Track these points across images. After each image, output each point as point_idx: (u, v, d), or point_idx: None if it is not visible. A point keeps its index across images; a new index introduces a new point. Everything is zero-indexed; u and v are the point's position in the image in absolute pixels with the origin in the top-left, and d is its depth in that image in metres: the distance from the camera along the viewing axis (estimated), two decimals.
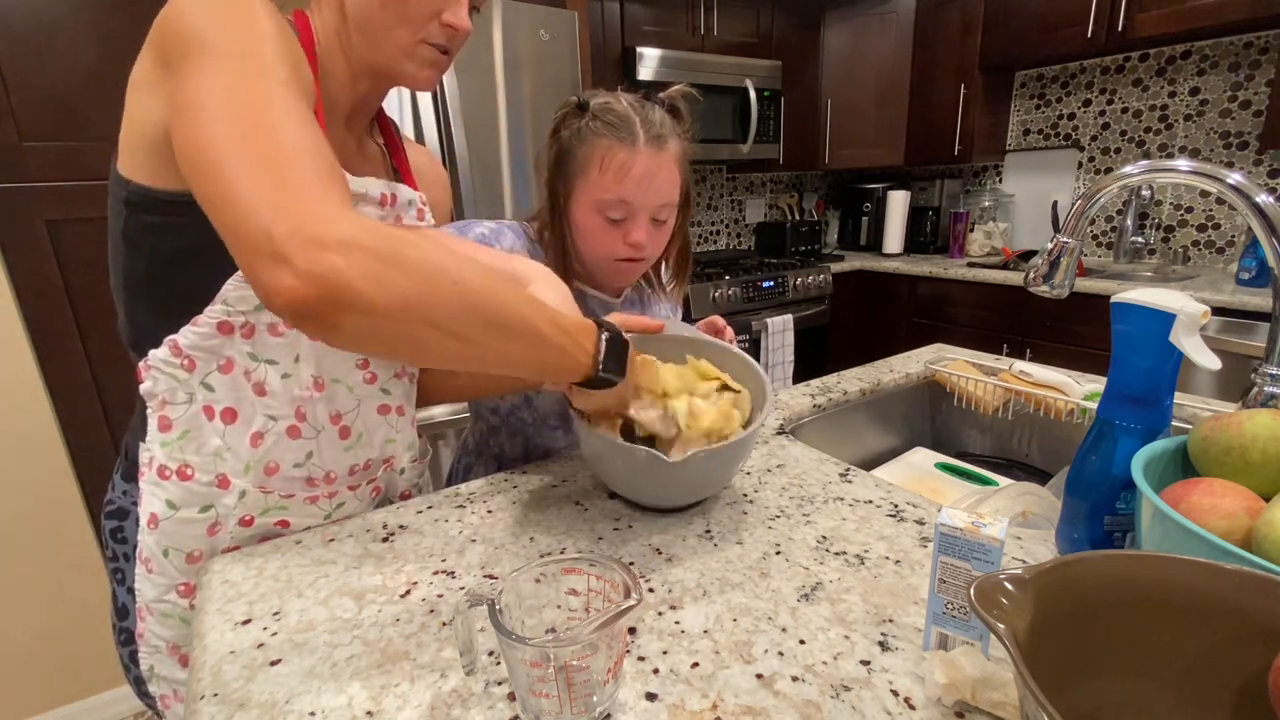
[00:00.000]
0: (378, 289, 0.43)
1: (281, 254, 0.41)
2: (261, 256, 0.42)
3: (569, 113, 0.78)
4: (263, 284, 0.42)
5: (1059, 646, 0.36)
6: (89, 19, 1.36)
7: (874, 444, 1.17)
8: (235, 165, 0.44)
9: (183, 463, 0.63)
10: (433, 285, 0.45)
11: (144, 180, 0.56)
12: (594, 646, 0.40)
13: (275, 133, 0.46)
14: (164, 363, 0.61)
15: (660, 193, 0.76)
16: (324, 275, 0.41)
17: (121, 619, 0.71)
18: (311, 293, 0.41)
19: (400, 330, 0.45)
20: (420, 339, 0.46)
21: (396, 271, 0.44)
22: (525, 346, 0.52)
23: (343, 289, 0.41)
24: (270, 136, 0.46)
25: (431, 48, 0.63)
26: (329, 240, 0.42)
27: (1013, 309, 2.39)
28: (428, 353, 0.49)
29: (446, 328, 0.46)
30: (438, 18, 0.61)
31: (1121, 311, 0.57)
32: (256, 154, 0.45)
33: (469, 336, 0.48)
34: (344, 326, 0.43)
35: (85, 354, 1.47)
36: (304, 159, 0.46)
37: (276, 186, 0.44)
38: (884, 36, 2.83)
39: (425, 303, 0.45)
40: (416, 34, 0.61)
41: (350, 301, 0.42)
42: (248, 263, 0.43)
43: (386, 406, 0.72)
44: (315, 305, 0.41)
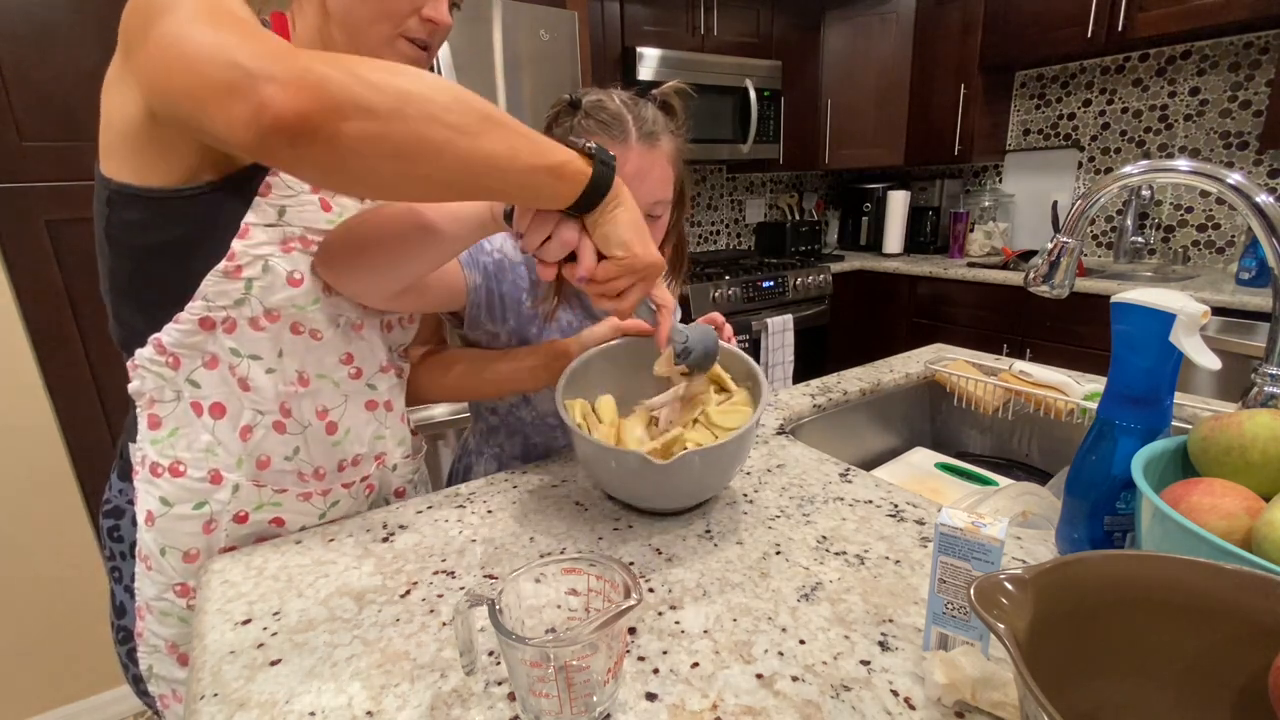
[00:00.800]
0: (371, 89, 0.40)
1: (258, 71, 0.39)
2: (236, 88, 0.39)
3: (561, 111, 0.78)
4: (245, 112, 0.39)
5: (1059, 646, 0.36)
6: (89, 19, 1.36)
7: (874, 444, 1.17)
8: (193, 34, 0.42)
9: (174, 459, 0.63)
10: (419, 79, 0.44)
11: (123, 178, 0.57)
12: (594, 646, 0.40)
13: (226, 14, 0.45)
14: (150, 361, 0.61)
15: (653, 190, 0.76)
16: (309, 77, 0.39)
17: (120, 618, 0.71)
18: (303, 98, 0.39)
19: (404, 129, 0.42)
20: (430, 138, 0.43)
21: (384, 73, 0.42)
22: (527, 141, 0.48)
23: (335, 87, 0.39)
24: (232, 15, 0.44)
25: (411, 43, 0.63)
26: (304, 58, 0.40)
27: (1013, 309, 2.39)
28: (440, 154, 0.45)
29: (449, 121, 0.44)
30: (418, 13, 0.62)
31: (1121, 311, 0.57)
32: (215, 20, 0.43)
33: (472, 129, 0.45)
34: (345, 133, 0.40)
35: (85, 354, 1.47)
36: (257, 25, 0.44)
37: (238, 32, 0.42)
38: (884, 36, 2.83)
39: (423, 95, 0.43)
40: (396, 28, 0.62)
41: (346, 100, 0.40)
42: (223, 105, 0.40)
43: (374, 402, 0.72)
44: (310, 112, 0.39)
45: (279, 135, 0.39)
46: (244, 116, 0.39)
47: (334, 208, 0.66)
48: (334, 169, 0.43)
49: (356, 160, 0.42)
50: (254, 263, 0.60)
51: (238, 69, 0.39)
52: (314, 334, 0.65)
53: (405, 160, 0.44)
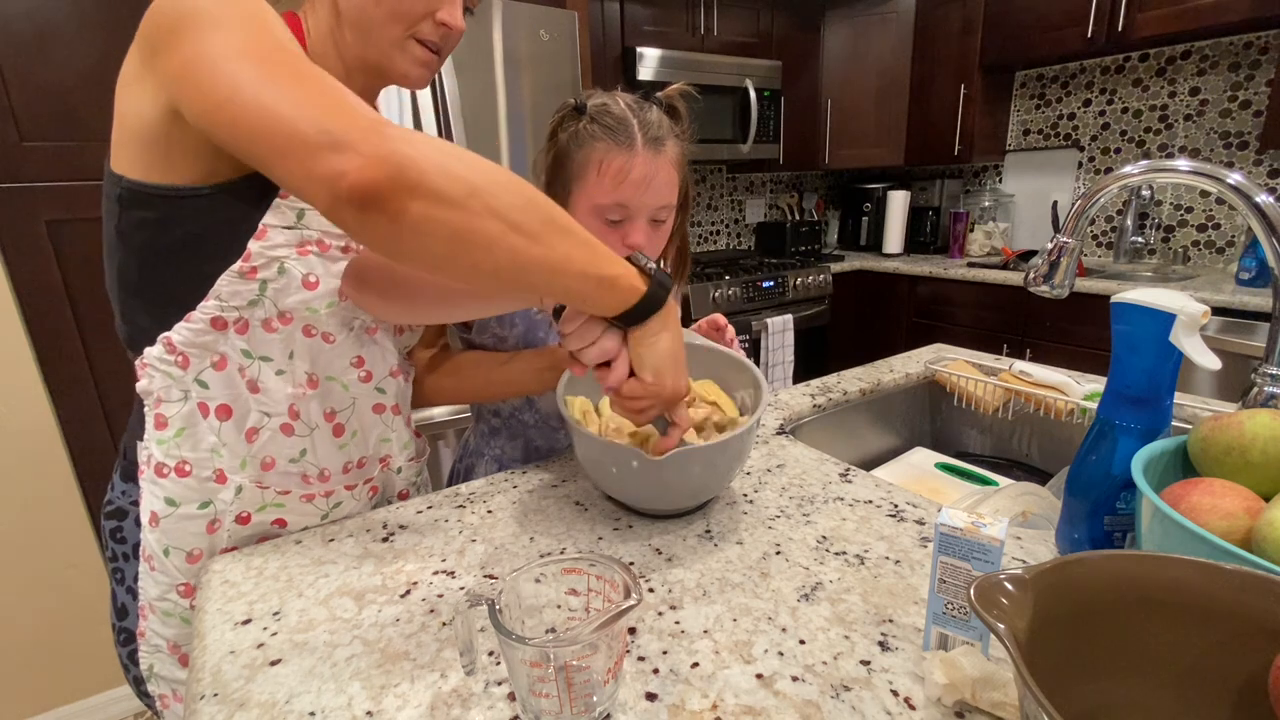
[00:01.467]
0: (444, 175, 0.43)
1: (344, 141, 0.41)
2: (320, 149, 0.41)
3: (566, 115, 0.78)
4: (325, 174, 0.41)
5: (1059, 646, 0.36)
6: (89, 19, 1.36)
7: (874, 444, 1.17)
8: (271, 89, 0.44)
9: (180, 459, 0.63)
10: (493, 176, 0.46)
11: (136, 175, 0.57)
12: (594, 646, 0.40)
13: (300, 63, 0.46)
14: (159, 360, 0.61)
15: (659, 195, 0.76)
16: (391, 155, 0.41)
17: (121, 619, 0.71)
18: (379, 174, 0.41)
19: (466, 221, 0.44)
20: (485, 231, 0.45)
21: (460, 162, 0.44)
22: (585, 249, 0.50)
23: (411, 170, 0.41)
24: (298, 63, 0.46)
25: (423, 46, 0.63)
26: (391, 131, 0.42)
27: (1013, 309, 2.39)
28: (492, 247, 0.46)
29: (510, 219, 0.46)
30: (432, 16, 0.62)
31: (1121, 311, 0.57)
32: (290, 75, 0.44)
33: (531, 231, 0.47)
34: (410, 212, 0.42)
35: (85, 354, 1.47)
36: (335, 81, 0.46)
37: (320, 94, 0.43)
38: (884, 36, 2.83)
39: (490, 191, 0.45)
40: (409, 31, 0.62)
41: (418, 183, 0.42)
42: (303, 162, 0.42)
43: (381, 405, 0.72)
44: (383, 187, 0.41)
45: (351, 202, 0.41)
46: (323, 177, 0.41)
47: None
48: (392, 240, 0.45)
49: (414, 237, 0.44)
50: (270, 264, 0.60)
51: (326, 135, 0.41)
52: (326, 337, 0.65)
53: (459, 245, 0.46)
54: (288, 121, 0.43)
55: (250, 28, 0.48)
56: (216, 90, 0.45)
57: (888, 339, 2.85)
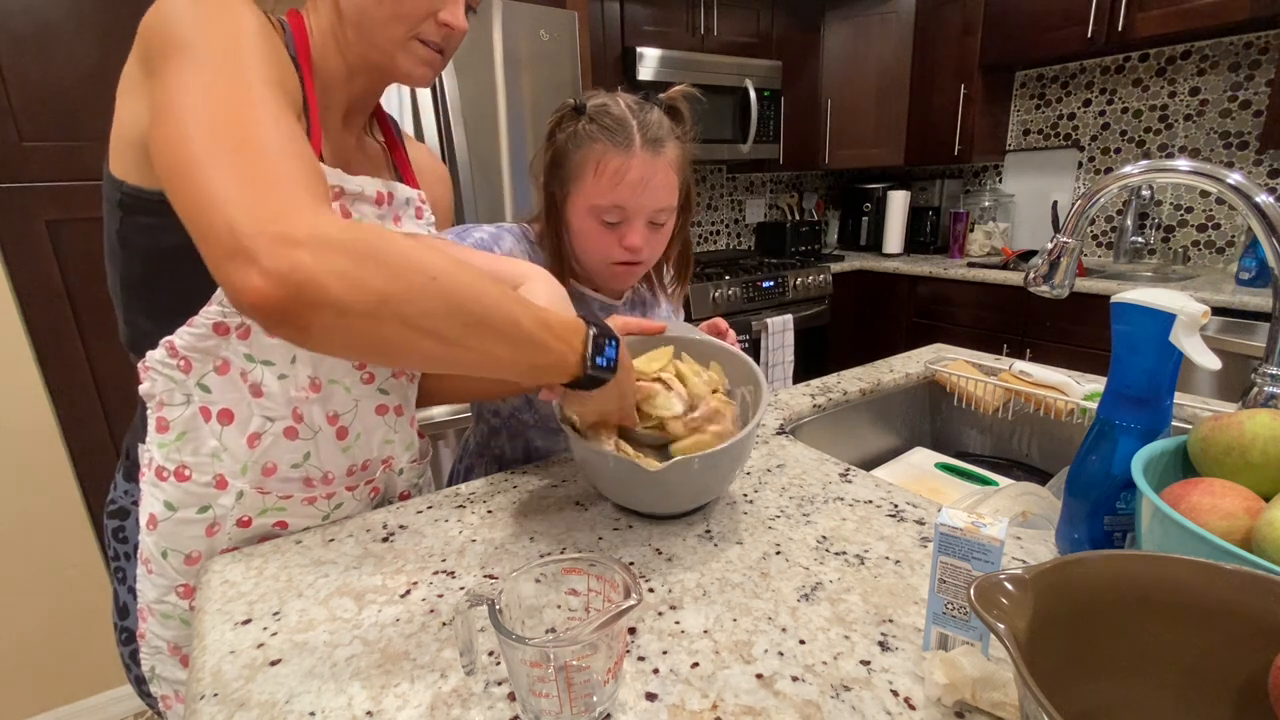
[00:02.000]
0: (348, 287, 0.40)
1: (248, 251, 0.39)
2: (228, 255, 0.40)
3: (565, 115, 0.78)
4: (231, 284, 0.40)
5: (1059, 646, 0.36)
6: (89, 19, 1.36)
7: (874, 444, 1.17)
8: (206, 163, 0.43)
9: (180, 464, 0.63)
10: (408, 282, 0.43)
11: (136, 181, 0.56)
12: (594, 646, 0.40)
13: (250, 127, 0.45)
14: (161, 364, 0.61)
15: (656, 197, 0.75)
16: (291, 273, 0.39)
17: (122, 618, 0.71)
18: (279, 292, 0.39)
19: (374, 330, 0.43)
20: (395, 340, 0.44)
21: (369, 268, 0.41)
22: (510, 347, 0.50)
23: (311, 287, 0.39)
24: (244, 131, 0.45)
25: (426, 46, 0.63)
26: (297, 236, 0.40)
27: (1013, 309, 2.39)
28: (405, 354, 0.46)
29: (423, 327, 0.44)
30: (434, 16, 0.61)
31: (1121, 311, 0.57)
32: (229, 149, 0.43)
33: (448, 337, 0.46)
34: (314, 327, 0.41)
35: (85, 354, 1.47)
36: (279, 155, 0.45)
37: (246, 181, 0.42)
38: (884, 36, 2.83)
39: (399, 300, 0.42)
40: (411, 31, 0.61)
41: (319, 300, 0.40)
42: (215, 264, 0.41)
43: (384, 407, 0.72)
44: (283, 305, 0.39)
45: (256, 315, 0.40)
46: (231, 284, 0.40)
47: (352, 215, 0.65)
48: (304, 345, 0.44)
49: (323, 345, 0.44)
50: None
51: (233, 238, 0.40)
52: None
53: (370, 352, 0.45)
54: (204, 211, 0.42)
55: (222, 69, 0.47)
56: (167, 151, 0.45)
57: (888, 339, 2.85)
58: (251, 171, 0.43)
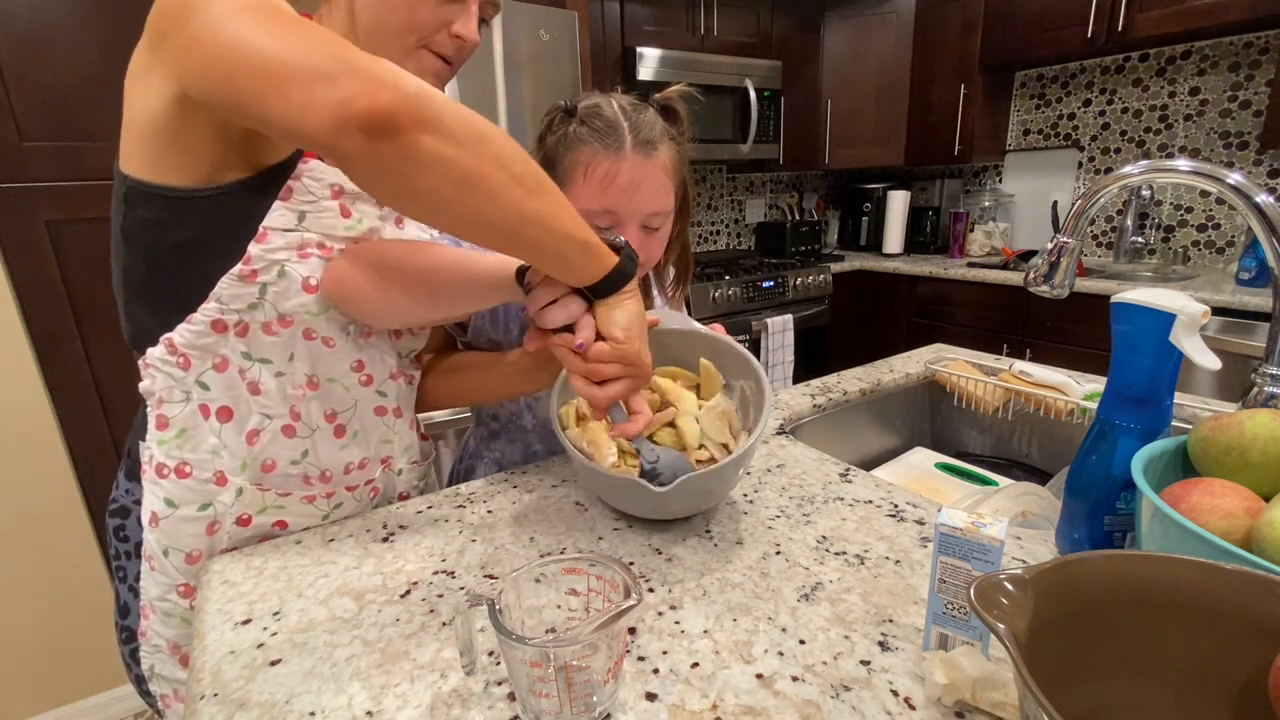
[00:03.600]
0: (456, 117, 0.44)
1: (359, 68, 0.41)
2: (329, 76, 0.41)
3: (556, 118, 0.76)
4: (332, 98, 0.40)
5: (1059, 646, 0.36)
6: (89, 19, 1.36)
7: (874, 444, 1.17)
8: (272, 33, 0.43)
9: (180, 461, 0.63)
10: (497, 134, 0.47)
11: (141, 174, 0.56)
12: (594, 646, 0.40)
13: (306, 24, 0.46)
14: (161, 361, 0.61)
15: (648, 201, 0.73)
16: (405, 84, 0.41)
17: (124, 617, 0.71)
18: (394, 98, 0.41)
19: (474, 164, 0.45)
20: (491, 178, 0.46)
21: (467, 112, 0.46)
22: (570, 213, 0.52)
23: (425, 102, 0.42)
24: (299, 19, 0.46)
25: (436, 56, 0.63)
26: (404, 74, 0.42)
27: (1013, 309, 2.39)
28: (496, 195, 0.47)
29: (513, 170, 0.47)
30: (447, 28, 0.62)
31: (1121, 311, 0.57)
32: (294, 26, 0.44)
33: (530, 185, 0.49)
34: (422, 145, 0.43)
35: (85, 354, 1.47)
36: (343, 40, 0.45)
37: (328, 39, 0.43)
38: (884, 36, 2.83)
39: (495, 140, 0.46)
40: (422, 41, 0.62)
41: (432, 117, 0.42)
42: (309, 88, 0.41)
43: (383, 408, 0.72)
44: (398, 114, 0.41)
45: (360, 126, 0.40)
46: (330, 101, 0.40)
47: (353, 214, 0.65)
48: (400, 175, 0.44)
49: (421, 175, 0.44)
50: (270, 267, 0.60)
51: (336, 61, 0.41)
52: (326, 341, 0.65)
53: (465, 189, 0.46)
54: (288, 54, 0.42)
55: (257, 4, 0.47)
56: (218, 42, 0.44)
57: (888, 339, 2.85)
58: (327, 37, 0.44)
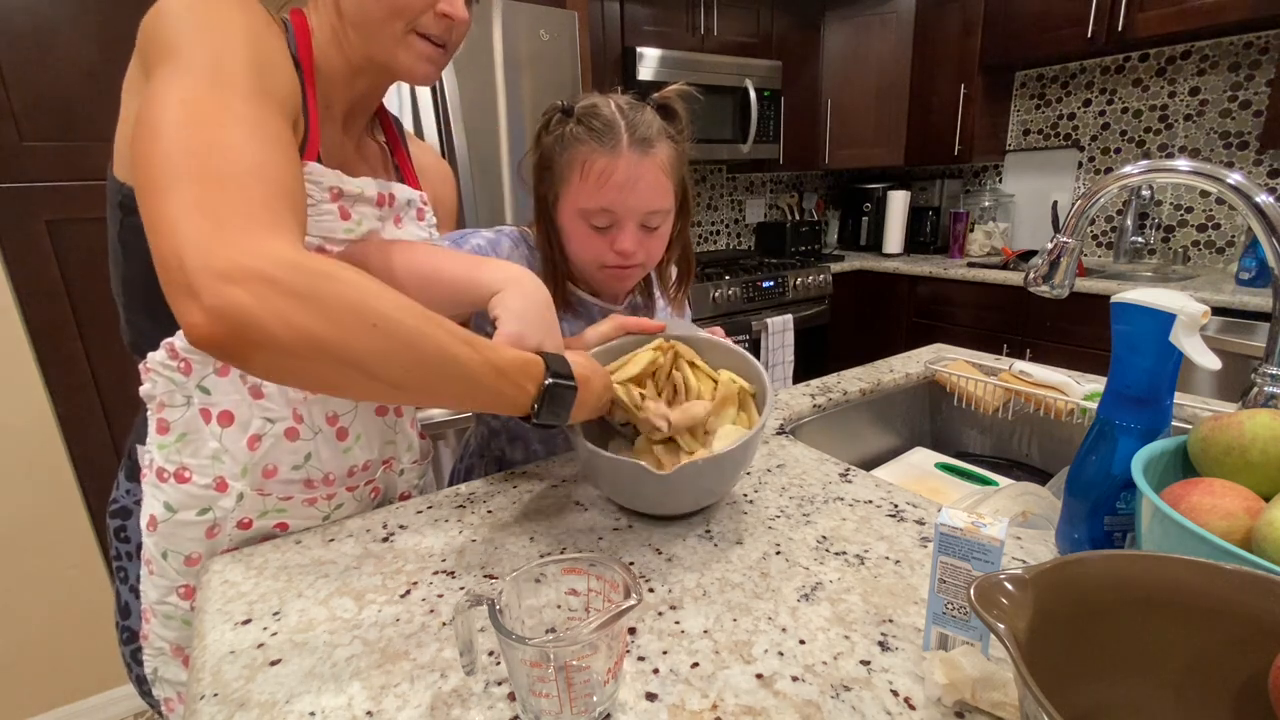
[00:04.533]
0: (284, 327, 0.41)
1: (191, 287, 0.40)
2: (176, 287, 0.41)
3: (553, 118, 0.76)
4: (178, 315, 0.41)
5: (1059, 646, 0.36)
6: (89, 19, 1.36)
7: (874, 444, 1.17)
8: (166, 187, 0.43)
9: (180, 465, 0.63)
10: (345, 327, 0.43)
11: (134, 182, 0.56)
12: (594, 646, 0.40)
13: (222, 152, 0.45)
14: (161, 365, 0.61)
15: (646, 200, 0.73)
16: (228, 312, 0.40)
17: (124, 618, 0.71)
18: (218, 329, 0.40)
19: (313, 369, 0.43)
20: (336, 379, 0.45)
21: (308, 310, 0.42)
22: (456, 390, 0.50)
23: (248, 326, 0.40)
24: (210, 156, 0.44)
25: (427, 40, 0.62)
26: (239, 274, 0.40)
27: (1013, 309, 2.39)
28: (349, 392, 0.47)
29: (365, 369, 0.44)
30: (432, 8, 0.61)
31: (1121, 311, 0.57)
32: (195, 175, 0.43)
33: (391, 379, 0.46)
34: (254, 362, 0.42)
35: (85, 354, 1.47)
36: (243, 181, 0.44)
37: (203, 212, 0.42)
38: (884, 36, 2.83)
39: (337, 344, 0.43)
40: (411, 24, 0.61)
41: (257, 340, 0.40)
42: (167, 292, 0.42)
43: (384, 409, 0.72)
44: (223, 342, 0.40)
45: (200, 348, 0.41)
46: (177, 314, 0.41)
47: (352, 216, 0.65)
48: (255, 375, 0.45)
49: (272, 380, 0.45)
50: None
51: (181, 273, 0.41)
52: None
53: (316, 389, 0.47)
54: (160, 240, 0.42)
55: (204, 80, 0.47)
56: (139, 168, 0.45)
57: (888, 339, 2.85)
58: (208, 200, 0.42)
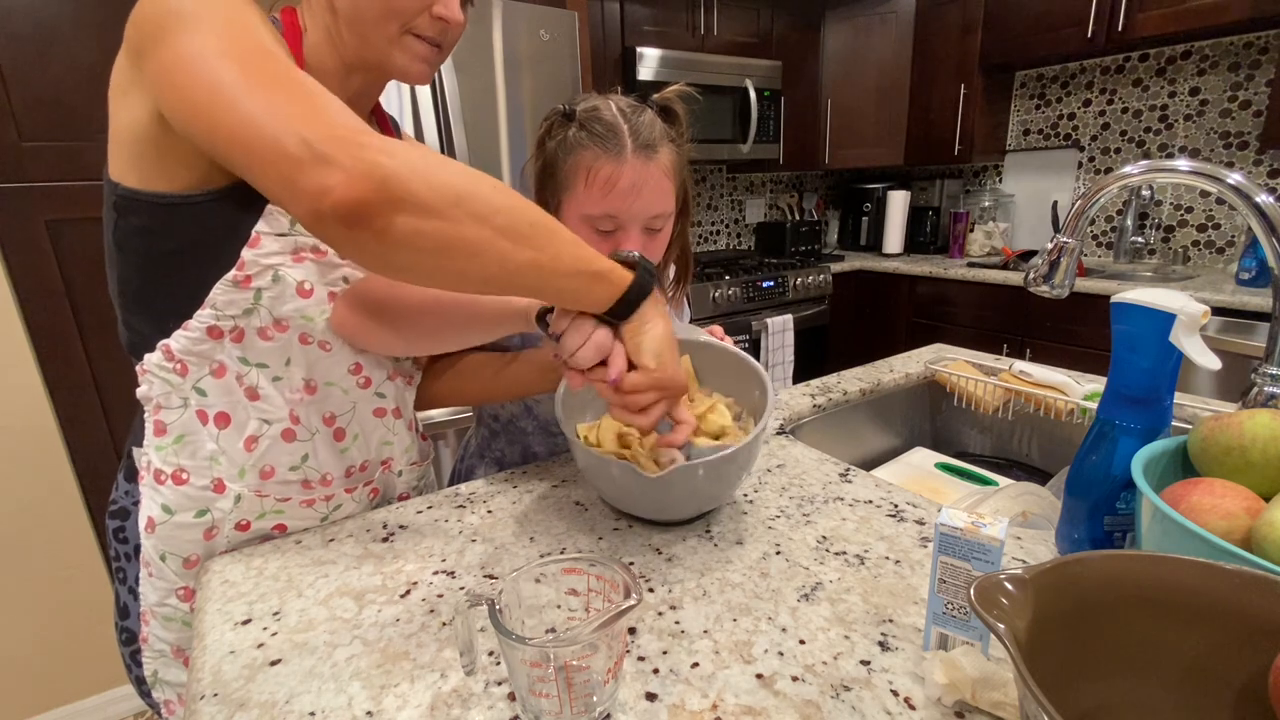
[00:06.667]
0: (428, 186, 0.42)
1: (325, 155, 0.40)
2: (301, 164, 0.40)
3: (555, 122, 0.76)
4: (307, 190, 0.40)
5: (1059, 646, 0.36)
6: (89, 19, 1.36)
7: (874, 444, 1.17)
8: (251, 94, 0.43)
9: (177, 467, 0.63)
10: (478, 182, 0.45)
11: (131, 183, 0.56)
12: (594, 646, 0.40)
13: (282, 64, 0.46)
14: (158, 367, 0.61)
15: (650, 204, 0.73)
16: (373, 170, 0.40)
17: (123, 618, 0.71)
18: (363, 188, 0.40)
19: (453, 230, 0.44)
20: (473, 239, 0.45)
21: (443, 169, 0.44)
22: (572, 247, 0.50)
23: (394, 183, 0.41)
24: (278, 65, 0.45)
25: (422, 41, 0.62)
26: (370, 142, 0.41)
27: (1013, 309, 2.39)
28: (479, 254, 0.46)
29: (496, 224, 0.45)
30: (428, 10, 0.60)
31: (1121, 311, 0.57)
32: (270, 80, 0.44)
33: (518, 234, 0.47)
34: (396, 226, 0.42)
35: (85, 354, 1.47)
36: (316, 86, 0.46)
37: (300, 100, 0.43)
38: (884, 36, 2.83)
39: (475, 196, 0.44)
40: (405, 26, 0.60)
41: (404, 196, 0.41)
42: (284, 176, 0.41)
43: (382, 409, 0.72)
44: (368, 202, 0.40)
45: (336, 218, 0.41)
46: (306, 192, 0.41)
47: None
48: (380, 256, 0.45)
49: (402, 252, 0.44)
50: (264, 272, 0.60)
51: (306, 147, 0.41)
52: (323, 345, 0.65)
53: (446, 256, 0.46)
54: (265, 130, 0.42)
55: (230, 29, 0.47)
56: (195, 94, 0.45)
57: (888, 339, 2.85)
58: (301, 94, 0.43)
